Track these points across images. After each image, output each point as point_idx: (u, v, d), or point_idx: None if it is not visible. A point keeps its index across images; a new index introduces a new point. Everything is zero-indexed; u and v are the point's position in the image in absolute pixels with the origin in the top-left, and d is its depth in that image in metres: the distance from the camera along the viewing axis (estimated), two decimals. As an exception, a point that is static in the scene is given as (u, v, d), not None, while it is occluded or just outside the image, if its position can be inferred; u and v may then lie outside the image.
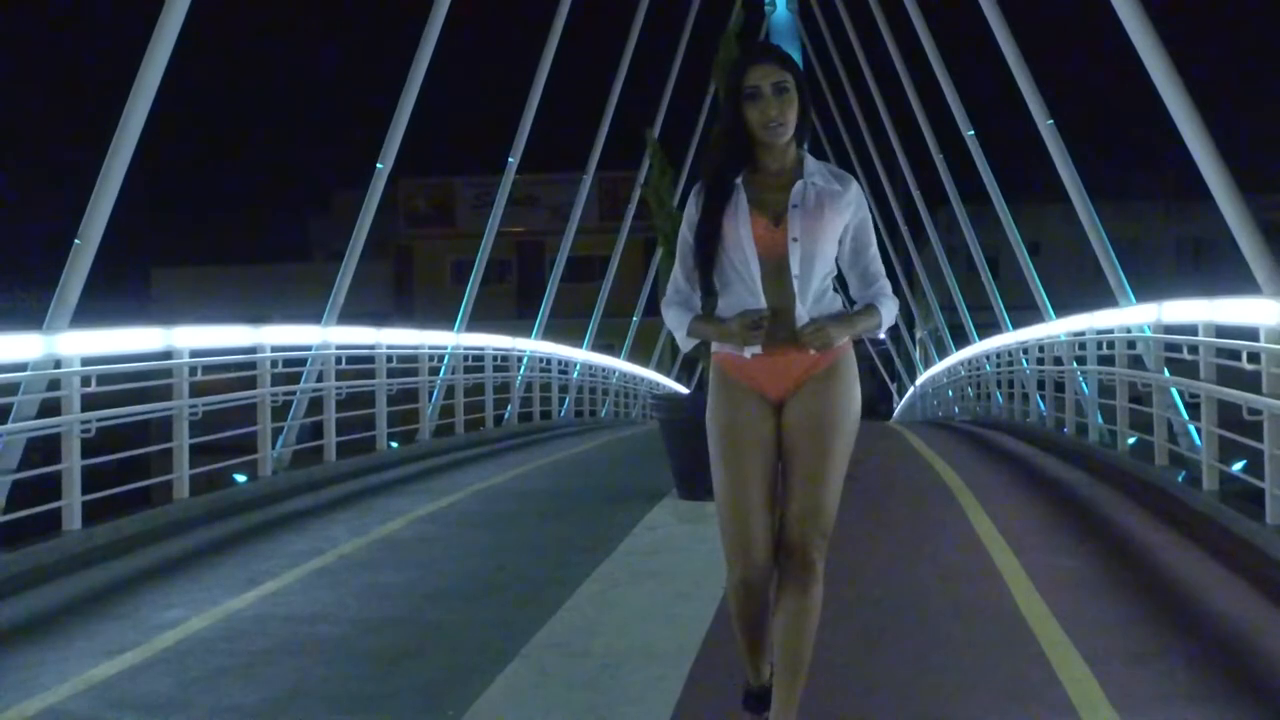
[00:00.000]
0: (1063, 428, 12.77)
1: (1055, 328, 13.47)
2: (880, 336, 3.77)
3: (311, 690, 4.63)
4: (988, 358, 19.31)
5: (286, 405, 10.96)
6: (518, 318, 27.79)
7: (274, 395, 10.18)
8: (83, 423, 7.47)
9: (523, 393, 18.25)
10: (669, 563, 6.78)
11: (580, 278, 29.57)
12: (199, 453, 8.90)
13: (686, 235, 3.68)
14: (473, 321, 16.94)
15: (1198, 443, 8.69)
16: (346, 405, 11.90)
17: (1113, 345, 10.63)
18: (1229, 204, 8.37)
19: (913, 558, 6.98)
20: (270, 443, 10.09)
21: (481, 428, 15.87)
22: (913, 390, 33.01)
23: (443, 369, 15.06)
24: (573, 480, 11.20)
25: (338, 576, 6.67)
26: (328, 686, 4.68)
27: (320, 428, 11.50)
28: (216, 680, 4.75)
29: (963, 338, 24.74)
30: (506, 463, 12.41)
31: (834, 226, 3.58)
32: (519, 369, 17.92)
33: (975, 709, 4.26)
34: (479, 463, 12.50)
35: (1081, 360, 12.08)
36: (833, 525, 3.63)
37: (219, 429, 9.72)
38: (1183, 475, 8.62)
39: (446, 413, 14.96)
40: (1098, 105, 55.59)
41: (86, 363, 7.64)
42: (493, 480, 10.86)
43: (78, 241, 8.23)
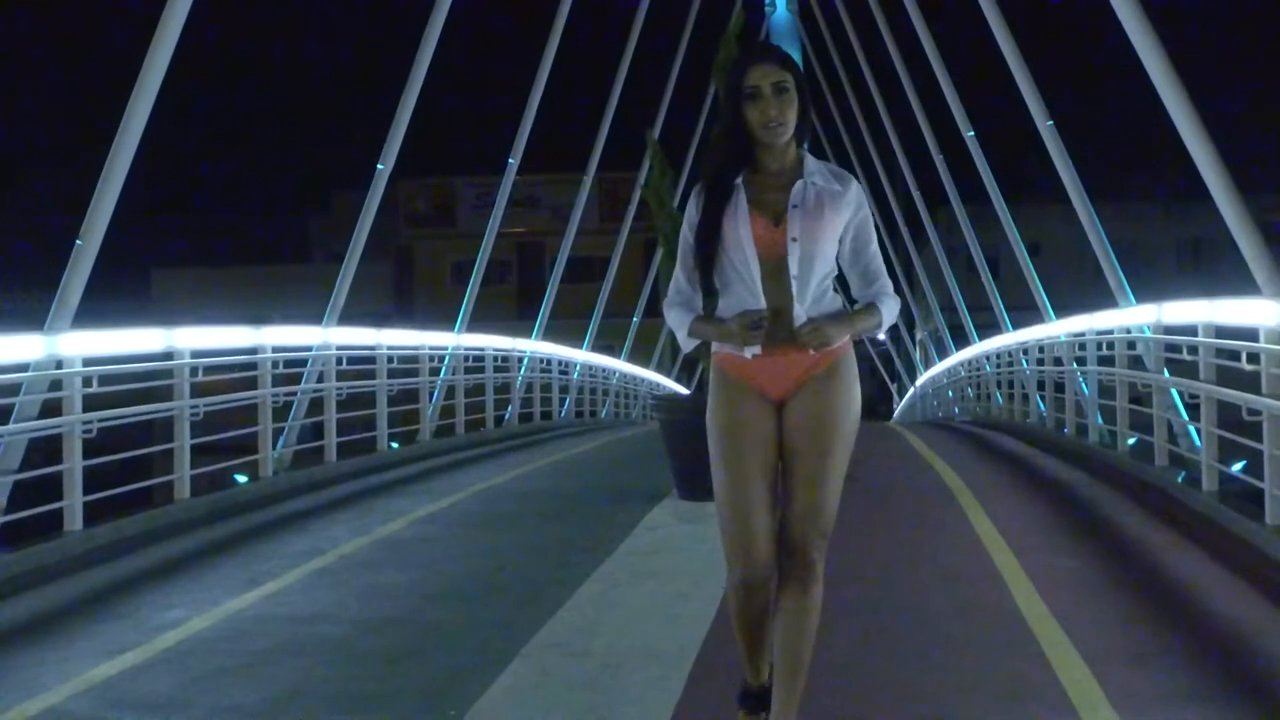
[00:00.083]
0: (1063, 428, 12.77)
1: (1055, 328, 13.47)
2: (881, 336, 3.79)
3: (312, 690, 4.64)
4: (988, 358, 19.31)
5: (287, 406, 10.96)
6: (518, 318, 27.81)
7: (275, 396, 10.20)
8: (84, 423, 7.48)
9: (523, 393, 18.25)
10: (669, 563, 6.79)
11: (580, 278, 29.54)
12: (200, 453, 8.91)
13: (687, 236, 3.68)
14: (473, 322, 16.93)
15: (1197, 443, 8.69)
16: (347, 406, 11.92)
17: (1113, 346, 10.62)
18: (1228, 205, 8.37)
19: (913, 558, 6.99)
20: (271, 443, 10.10)
21: (482, 428, 15.88)
22: (913, 391, 32.96)
23: (443, 369, 15.07)
24: (573, 481, 11.21)
25: (339, 577, 6.67)
26: (329, 686, 4.69)
27: (321, 428, 11.51)
28: (218, 680, 4.76)
29: (963, 338, 24.73)
30: (507, 463, 12.42)
31: (834, 226, 3.59)
32: (519, 370, 17.92)
33: (975, 709, 4.26)
34: (479, 463, 12.51)
35: (1081, 361, 12.08)
36: (833, 525, 3.64)
37: (220, 429, 9.74)
38: (1182, 476, 8.62)
39: (447, 413, 14.96)
40: (1098, 105, 55.63)
41: (88, 363, 7.65)
42: (493, 481, 10.87)
43: (79, 242, 8.23)
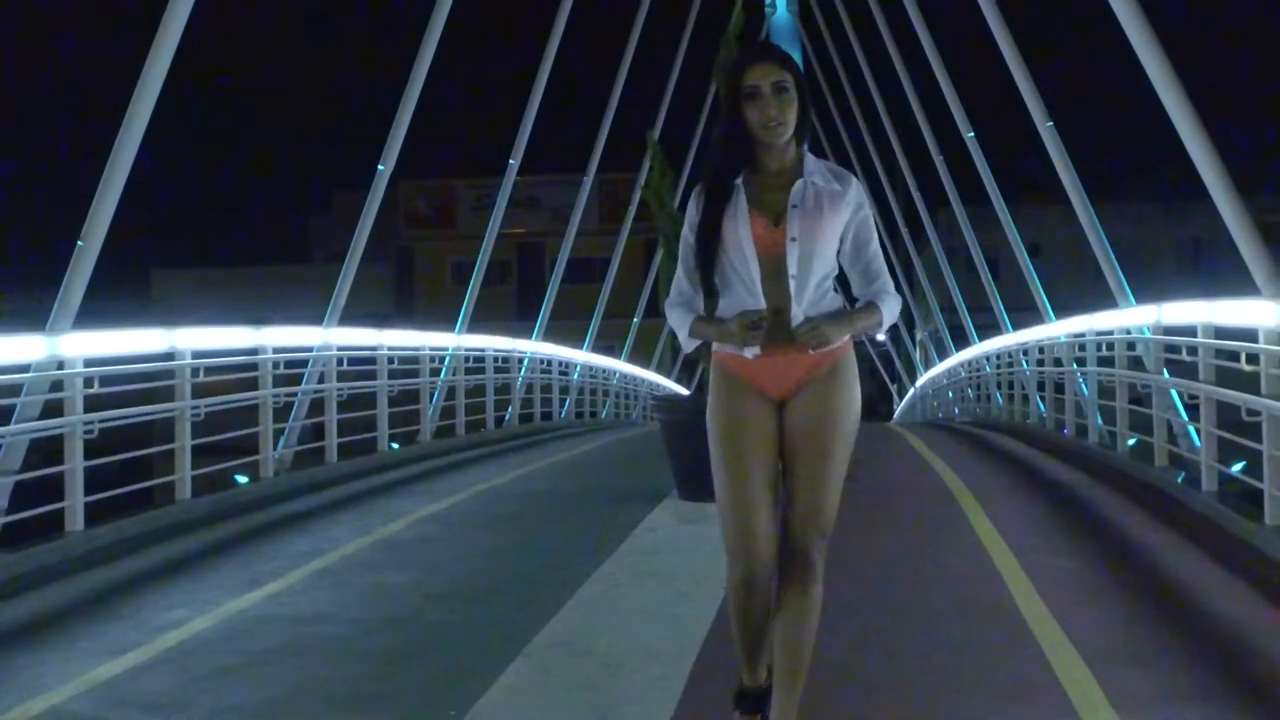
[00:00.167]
0: (1063, 429, 12.78)
1: (1055, 329, 13.48)
2: (881, 336, 3.80)
3: (314, 690, 4.64)
4: (988, 359, 19.31)
5: (288, 406, 10.97)
6: (518, 319, 27.78)
7: (276, 396, 10.21)
8: (85, 424, 7.48)
9: (523, 394, 18.26)
10: (670, 563, 6.80)
11: (581, 279, 29.54)
12: (201, 454, 8.91)
13: (688, 236, 3.69)
14: (473, 323, 16.94)
15: (1197, 444, 8.69)
16: (348, 406, 11.93)
17: (1112, 346, 10.63)
18: (1228, 206, 8.38)
19: (913, 558, 7.00)
20: (272, 444, 10.11)
21: (482, 429, 15.88)
22: (913, 391, 32.97)
23: (444, 370, 15.07)
24: (574, 481, 11.21)
25: (340, 577, 6.68)
26: (330, 686, 4.70)
27: (322, 429, 11.52)
28: (219, 680, 4.77)
29: (963, 339, 24.73)
30: (507, 464, 12.43)
31: (834, 226, 3.59)
32: (520, 370, 17.93)
33: (975, 709, 4.27)
34: (480, 464, 12.52)
35: (1081, 361, 12.08)
36: (833, 525, 3.65)
37: (221, 430, 9.74)
38: (1182, 476, 8.64)
39: (447, 414, 14.96)
40: (1098, 106, 55.61)
41: (89, 364, 7.65)
42: (494, 481, 10.87)
43: (80, 243, 8.24)
